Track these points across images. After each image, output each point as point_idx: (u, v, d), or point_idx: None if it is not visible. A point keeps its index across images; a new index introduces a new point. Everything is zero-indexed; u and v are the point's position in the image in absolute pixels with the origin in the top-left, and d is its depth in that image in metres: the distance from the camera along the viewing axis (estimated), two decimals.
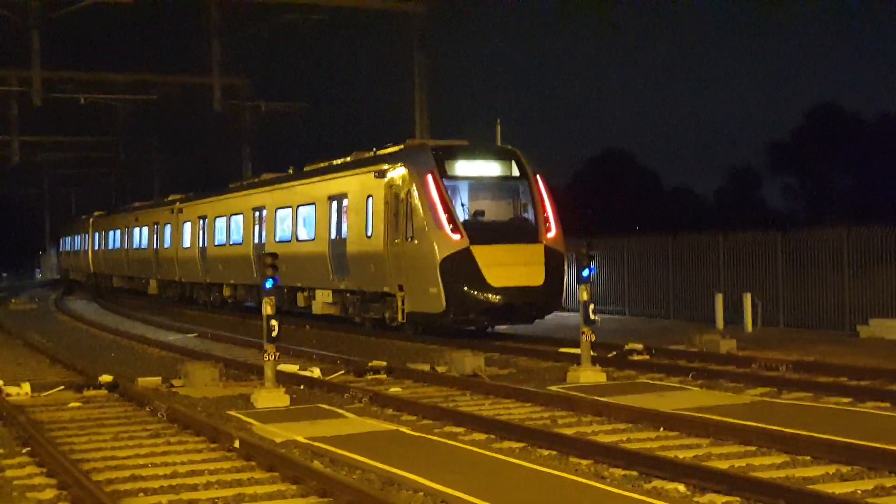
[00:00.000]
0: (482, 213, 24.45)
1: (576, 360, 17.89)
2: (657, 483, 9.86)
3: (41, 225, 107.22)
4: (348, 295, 27.94)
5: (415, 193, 24.05)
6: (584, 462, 10.87)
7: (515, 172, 24.93)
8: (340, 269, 27.59)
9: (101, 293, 54.67)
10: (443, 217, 23.52)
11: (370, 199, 26.04)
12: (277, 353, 15.66)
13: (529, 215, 24.54)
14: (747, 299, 26.06)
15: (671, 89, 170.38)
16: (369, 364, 18.90)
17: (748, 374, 17.12)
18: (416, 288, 24.12)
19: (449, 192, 23.97)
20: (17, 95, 48.05)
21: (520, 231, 24.30)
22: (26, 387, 16.90)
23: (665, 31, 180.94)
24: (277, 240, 32.33)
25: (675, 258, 30.40)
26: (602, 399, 14.51)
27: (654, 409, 13.40)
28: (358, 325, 27.40)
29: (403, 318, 24.78)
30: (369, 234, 26.09)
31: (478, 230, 23.79)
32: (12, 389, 16.73)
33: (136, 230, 50.51)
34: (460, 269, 23.32)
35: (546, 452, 11.43)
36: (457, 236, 23.47)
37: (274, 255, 16.11)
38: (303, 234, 30.46)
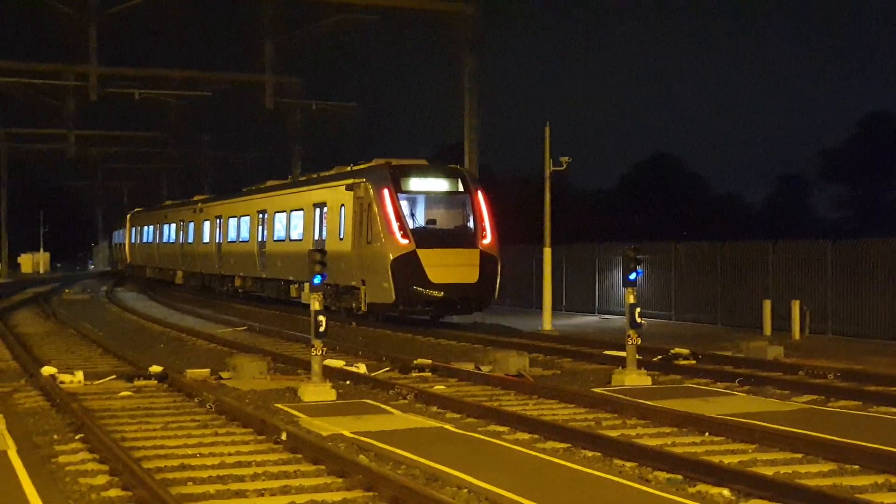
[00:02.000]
0: (434, 221, 28.90)
1: (621, 362, 17.89)
2: (702, 487, 9.85)
3: (94, 217, 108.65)
4: (328, 287, 30.27)
5: (374, 205, 28.54)
6: (629, 464, 10.87)
7: (460, 188, 29.33)
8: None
9: (151, 285, 55.43)
10: (394, 225, 27.99)
11: (343, 208, 30.69)
12: (324, 349, 15.82)
13: (470, 224, 28.86)
14: (795, 307, 25.86)
15: (722, 95, 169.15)
16: (414, 362, 19.01)
17: (795, 382, 17.00)
18: (373, 283, 28.52)
19: (403, 204, 28.44)
20: (74, 90, 48.75)
21: (460, 237, 28.58)
22: (79, 375, 17.20)
23: (718, 36, 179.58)
24: (275, 239, 36.98)
25: (724, 265, 30.25)
26: (647, 402, 14.50)
27: (699, 414, 13.37)
28: (334, 312, 30.39)
29: (366, 308, 29.17)
30: (341, 236, 30.55)
31: (424, 236, 28.17)
32: (66, 377, 17.03)
33: (166, 226, 55.73)
34: (407, 268, 27.65)
35: (590, 454, 11.45)
36: (405, 241, 27.85)
37: (322, 252, 16.23)
38: (294, 234, 35.05)
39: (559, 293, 34.37)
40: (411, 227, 28.20)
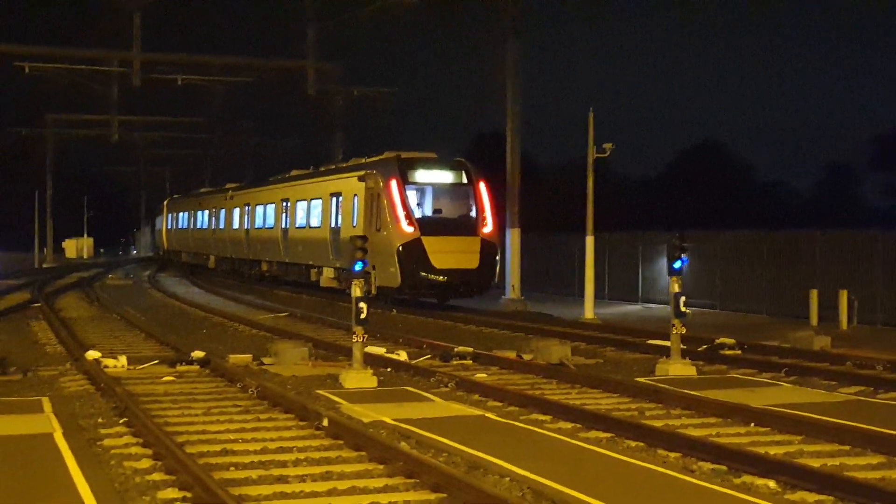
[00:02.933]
0: (440, 210, 30.91)
1: (665, 352, 17.73)
2: (747, 478, 9.72)
3: (137, 203, 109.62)
4: (343, 272, 33.41)
5: (382, 195, 30.37)
6: (673, 455, 10.76)
7: (464, 180, 31.03)
8: (337, 251, 33.83)
9: (192, 271, 55.89)
10: (401, 214, 29.81)
11: (356, 198, 32.48)
12: (366, 336, 15.81)
13: (472, 213, 30.54)
14: (843, 296, 25.53)
15: (770, 81, 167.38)
16: (455, 350, 18.96)
17: (842, 373, 16.76)
18: (382, 268, 29.97)
19: (410, 194, 30.30)
20: (118, 76, 49.09)
21: (462, 226, 30.30)
22: (123, 360, 17.33)
23: (764, 21, 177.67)
24: (297, 226, 38.99)
25: (770, 254, 29.94)
26: (691, 392, 14.35)
27: (744, 405, 13.21)
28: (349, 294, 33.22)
29: (375, 291, 30.05)
30: (354, 224, 32.20)
31: (428, 224, 30.01)
32: (110, 362, 17.17)
33: (199, 213, 57.97)
34: (412, 254, 29.45)
35: (633, 443, 11.34)
36: (410, 229, 29.63)
37: (364, 239, 16.20)
38: (314, 222, 37.04)
39: (601, 281, 34.18)
40: (417, 216, 30.13)
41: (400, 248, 29.46)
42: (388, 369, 17.26)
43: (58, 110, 74.84)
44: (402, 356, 18.26)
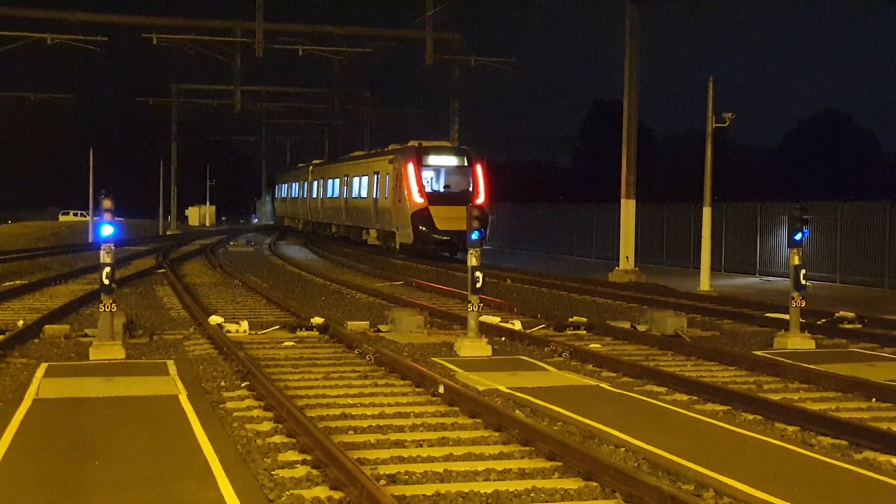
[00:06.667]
0: (448, 186, 40.81)
1: (783, 325, 17.44)
2: (868, 454, 9.56)
3: (259, 172, 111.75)
4: (381, 232, 45.41)
5: (401, 174, 40.92)
6: (791, 428, 10.63)
7: (465, 163, 41.28)
8: (377, 217, 45.17)
9: (312, 240, 56.97)
10: (414, 189, 40.10)
11: (387, 176, 43.00)
12: (481, 304, 15.92)
13: (469, 189, 40.35)
14: None
15: (892, 49, 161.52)
16: (570, 319, 18.96)
17: None
18: (402, 229, 41.34)
19: (425, 174, 40.41)
20: (241, 47, 50.04)
21: (461, 198, 38.21)
22: (245, 325, 17.77)
23: None
24: (353, 196, 49.92)
25: (893, 225, 29.07)
26: (810, 366, 14.11)
27: (865, 379, 12.94)
28: (383, 249, 44.72)
29: (398, 247, 41.93)
30: (386, 196, 43.10)
31: (435, 197, 40.14)
32: (232, 327, 17.62)
33: (294, 184, 70.02)
34: (422, 220, 39.81)
35: (750, 417, 11.23)
36: (421, 200, 39.93)
37: (481, 209, 16.33)
38: (364, 193, 47.63)
39: (718, 253, 33.69)
40: (428, 190, 40.18)
41: (413, 215, 39.87)
42: (503, 338, 17.36)
43: (183, 80, 76.73)
44: (517, 325, 18.34)
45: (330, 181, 56.02)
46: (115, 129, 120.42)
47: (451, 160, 41.29)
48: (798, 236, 16.96)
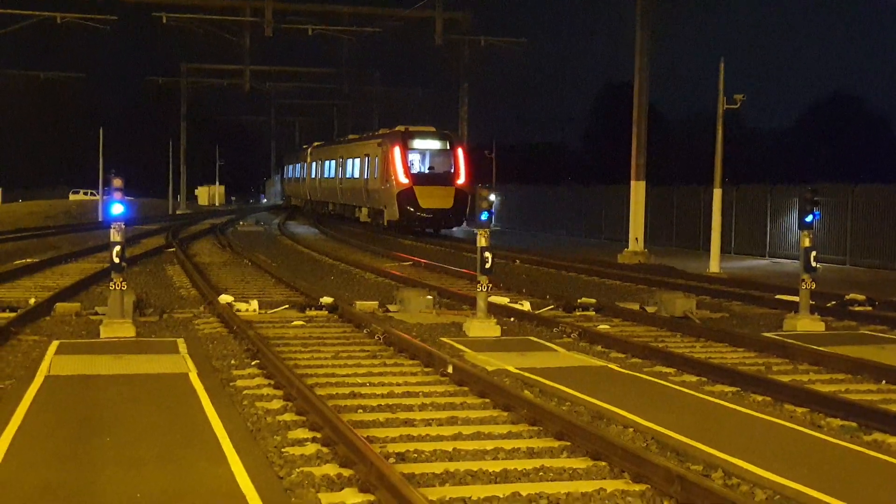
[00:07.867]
0: (433, 168, 44.53)
1: (793, 307, 17.42)
2: (878, 436, 9.56)
3: (268, 152, 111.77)
4: (371, 210, 48.97)
5: (389, 156, 44.44)
6: (800, 410, 10.63)
7: (447, 147, 45.02)
8: (368, 197, 48.86)
9: (321, 220, 57.05)
10: (400, 170, 43.79)
11: (376, 158, 46.62)
12: (490, 285, 15.93)
13: (451, 170, 44.24)
14: None
15: None
16: (579, 301, 18.96)
17: None
18: (389, 207, 44.82)
19: (409, 156, 43.96)
20: (250, 26, 49.98)
21: (443, 178, 43.78)
22: (254, 304, 17.82)
23: None
24: (347, 177, 53.72)
25: None
26: (820, 348, 14.11)
27: (875, 361, 12.93)
28: (372, 225, 48.20)
29: (386, 223, 45.32)
30: (375, 177, 46.88)
31: (419, 177, 43.81)
32: (242, 306, 17.67)
33: (298, 165, 73.39)
34: (407, 198, 43.49)
35: (759, 398, 11.23)
36: (406, 180, 43.60)
37: (490, 191, 16.28)
38: (356, 174, 51.38)
39: (728, 235, 33.64)
40: (413, 171, 43.72)
41: (398, 194, 43.62)
42: (512, 319, 17.37)
43: (193, 60, 76.58)
44: (526, 306, 18.36)
45: (326, 163, 59.92)
46: (124, 109, 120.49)
47: (435, 144, 44.92)
48: (809, 218, 16.93)
